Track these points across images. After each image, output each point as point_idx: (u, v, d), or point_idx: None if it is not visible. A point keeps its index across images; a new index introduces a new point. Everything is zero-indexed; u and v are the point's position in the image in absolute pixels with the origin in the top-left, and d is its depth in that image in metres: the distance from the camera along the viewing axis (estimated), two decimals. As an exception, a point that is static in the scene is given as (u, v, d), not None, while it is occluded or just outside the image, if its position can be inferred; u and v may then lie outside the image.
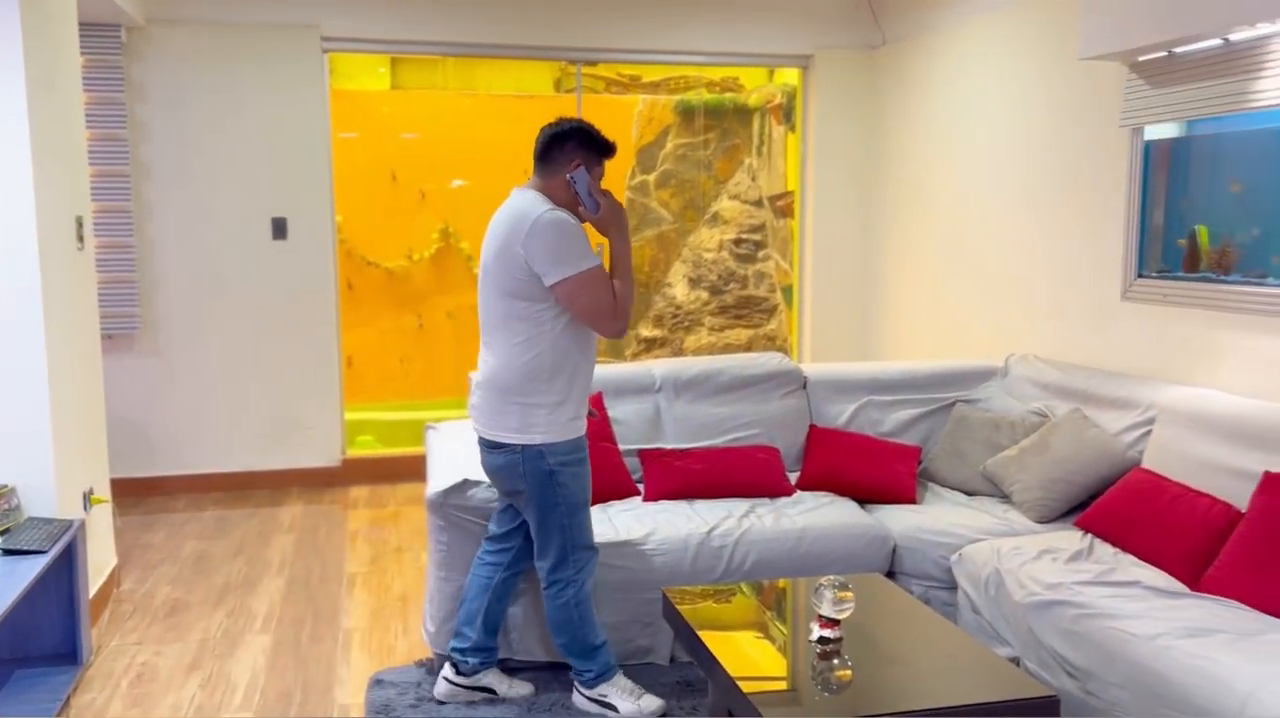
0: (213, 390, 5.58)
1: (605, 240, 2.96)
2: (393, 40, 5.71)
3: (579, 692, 3.08)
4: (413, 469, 5.97)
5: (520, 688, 3.18)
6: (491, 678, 3.16)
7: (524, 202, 2.86)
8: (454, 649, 3.14)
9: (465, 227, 6.88)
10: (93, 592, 3.74)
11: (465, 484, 3.22)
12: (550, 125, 2.94)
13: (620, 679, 3.06)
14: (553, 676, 3.31)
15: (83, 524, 3.42)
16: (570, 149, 2.89)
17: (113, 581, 4.08)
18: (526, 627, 3.30)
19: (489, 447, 2.93)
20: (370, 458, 5.96)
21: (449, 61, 6.67)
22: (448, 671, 3.15)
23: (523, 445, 2.86)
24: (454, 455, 3.52)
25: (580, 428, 2.94)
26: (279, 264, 5.63)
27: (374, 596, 4.11)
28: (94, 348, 3.98)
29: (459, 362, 7.04)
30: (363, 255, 6.79)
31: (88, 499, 3.75)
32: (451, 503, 3.22)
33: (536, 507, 2.92)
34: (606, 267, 2.91)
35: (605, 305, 2.82)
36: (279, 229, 5.60)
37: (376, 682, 3.29)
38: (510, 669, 3.32)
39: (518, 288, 2.82)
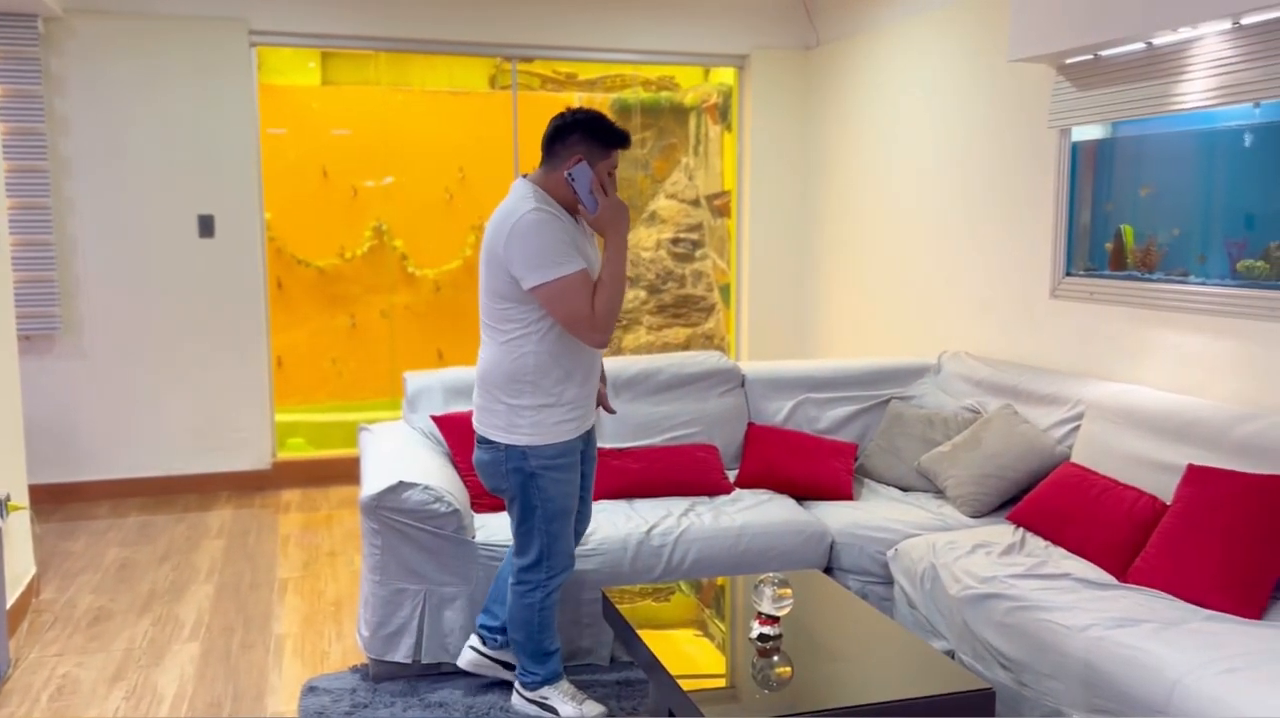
0: (137, 393, 5.43)
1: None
2: (323, 35, 5.60)
3: (519, 693, 3.04)
4: (346, 472, 5.86)
5: None
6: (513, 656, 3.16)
7: (514, 198, 2.75)
8: (481, 625, 3.15)
9: (398, 224, 6.79)
10: (10, 602, 3.60)
11: (400, 487, 3.17)
12: (558, 115, 2.78)
13: (564, 684, 3.03)
14: (491, 678, 3.26)
15: (-1, 532, 3.29)
16: (573, 142, 2.74)
17: (31, 590, 3.94)
18: (463, 631, 3.26)
19: (478, 441, 2.92)
20: (302, 460, 5.84)
21: (381, 57, 6.57)
22: (474, 641, 3.16)
23: (506, 445, 2.82)
24: (388, 457, 3.46)
25: (568, 432, 2.84)
26: (206, 262, 5.48)
27: (306, 601, 4.03)
28: (9, 349, 3.83)
29: (393, 362, 6.94)
30: (293, 253, 6.65)
31: (4, 506, 3.61)
32: (386, 506, 3.16)
33: (517, 507, 2.89)
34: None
35: (581, 314, 2.67)
36: (206, 227, 5.46)
37: (310, 689, 3.22)
38: (456, 672, 3.28)
39: (503, 289, 2.74)
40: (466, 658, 3.16)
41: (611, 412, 3.17)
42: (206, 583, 4.20)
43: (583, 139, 2.74)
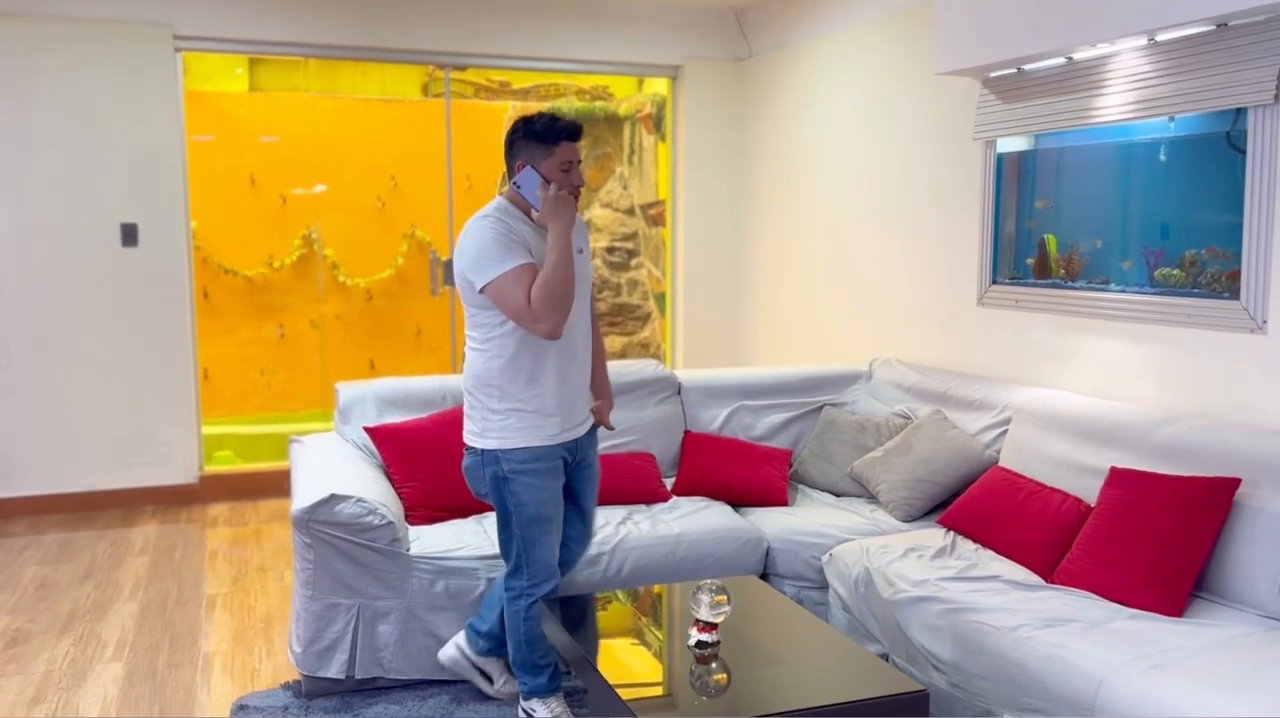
0: (56, 405, 5.26)
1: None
2: (251, 40, 5.50)
3: (520, 700, 3.03)
4: (275, 485, 5.75)
5: (509, 688, 3.14)
6: (493, 666, 3.14)
7: (478, 213, 2.85)
8: (469, 625, 3.13)
9: (329, 233, 6.70)
10: (-79, 625, 3.46)
11: (332, 499, 3.12)
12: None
13: (553, 702, 2.95)
14: (427, 692, 3.22)
15: (-91, 552, 3.17)
16: (518, 150, 2.80)
17: (-56, 612, 3.79)
18: (398, 645, 3.22)
19: (465, 447, 2.94)
20: (230, 474, 5.71)
21: (311, 63, 6.48)
22: (460, 638, 3.13)
23: (481, 449, 2.84)
24: (320, 470, 3.40)
25: (539, 438, 2.81)
26: (129, 272, 5.34)
27: (236, 617, 3.94)
28: (-79, 362, 3.69)
29: (324, 373, 6.84)
30: (220, 263, 6.52)
31: (-86, 525, 3.47)
32: (318, 519, 3.11)
33: (496, 512, 2.91)
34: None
35: (521, 307, 2.67)
36: (129, 235, 5.32)
37: (240, 707, 3.15)
38: (391, 687, 3.23)
39: (467, 295, 2.81)
40: (447, 654, 3.16)
41: (610, 428, 3.13)
42: (130, 601, 4.09)
43: (524, 144, 2.80)
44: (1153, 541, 2.83)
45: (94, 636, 3.74)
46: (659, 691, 2.31)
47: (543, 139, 2.77)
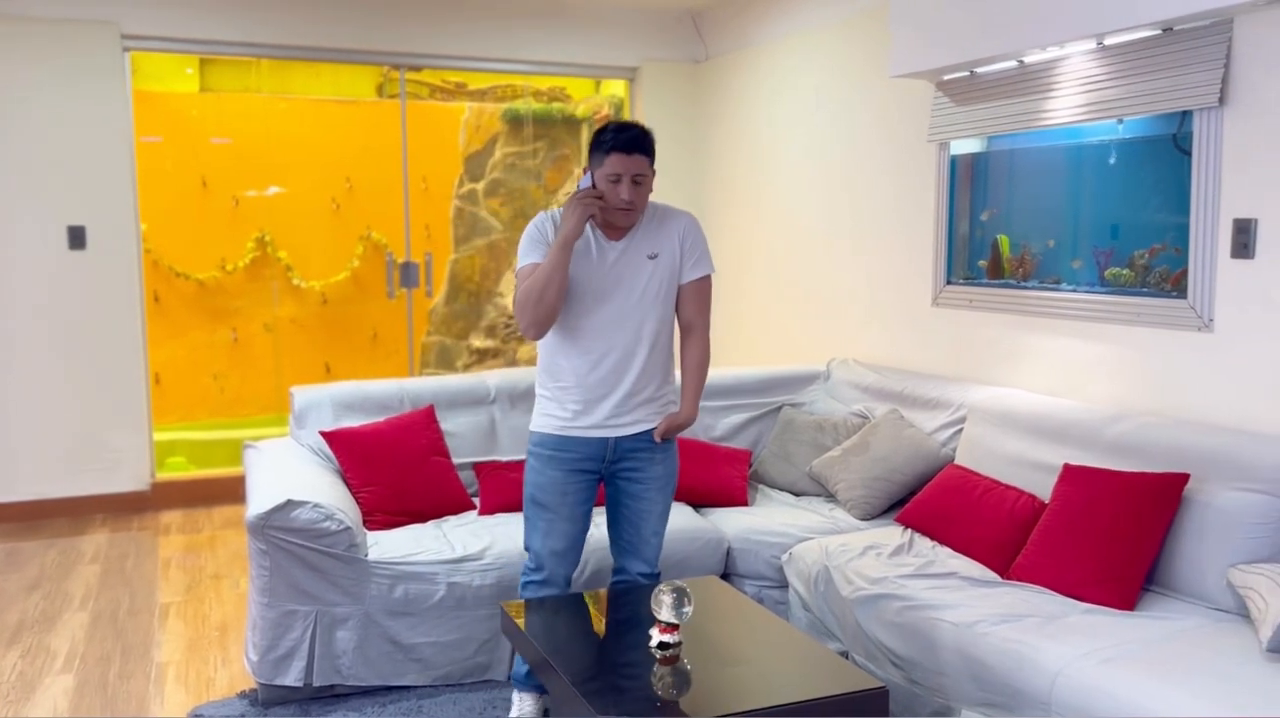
0: (3, 413, 5.14)
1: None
2: (201, 40, 5.41)
3: None
4: (229, 491, 5.66)
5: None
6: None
7: None
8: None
9: (283, 235, 6.62)
10: None
11: (289, 505, 3.07)
12: None
13: (527, 698, 3.02)
14: (386, 699, 3.19)
15: None
16: (591, 155, 2.86)
17: (-115, 626, 3.69)
18: (357, 652, 3.18)
19: None
20: (183, 480, 5.62)
21: (263, 64, 6.40)
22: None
23: None
24: (276, 475, 3.36)
25: (549, 425, 2.92)
26: (77, 275, 5.23)
27: (190, 626, 3.88)
28: None
29: (278, 377, 6.75)
30: (170, 266, 6.42)
31: None
32: (274, 525, 3.07)
33: None
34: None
35: (516, 306, 2.86)
36: (76, 238, 5.21)
37: (195, 717, 3.10)
38: (350, 694, 3.20)
39: None
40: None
41: (656, 437, 2.94)
42: (81, 611, 4.00)
43: (592, 150, 2.85)
44: (1105, 536, 2.88)
45: (43, 647, 3.66)
46: (623, 692, 2.31)
47: (597, 148, 2.82)
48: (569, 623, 2.69)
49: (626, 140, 2.77)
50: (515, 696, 3.04)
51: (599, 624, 2.70)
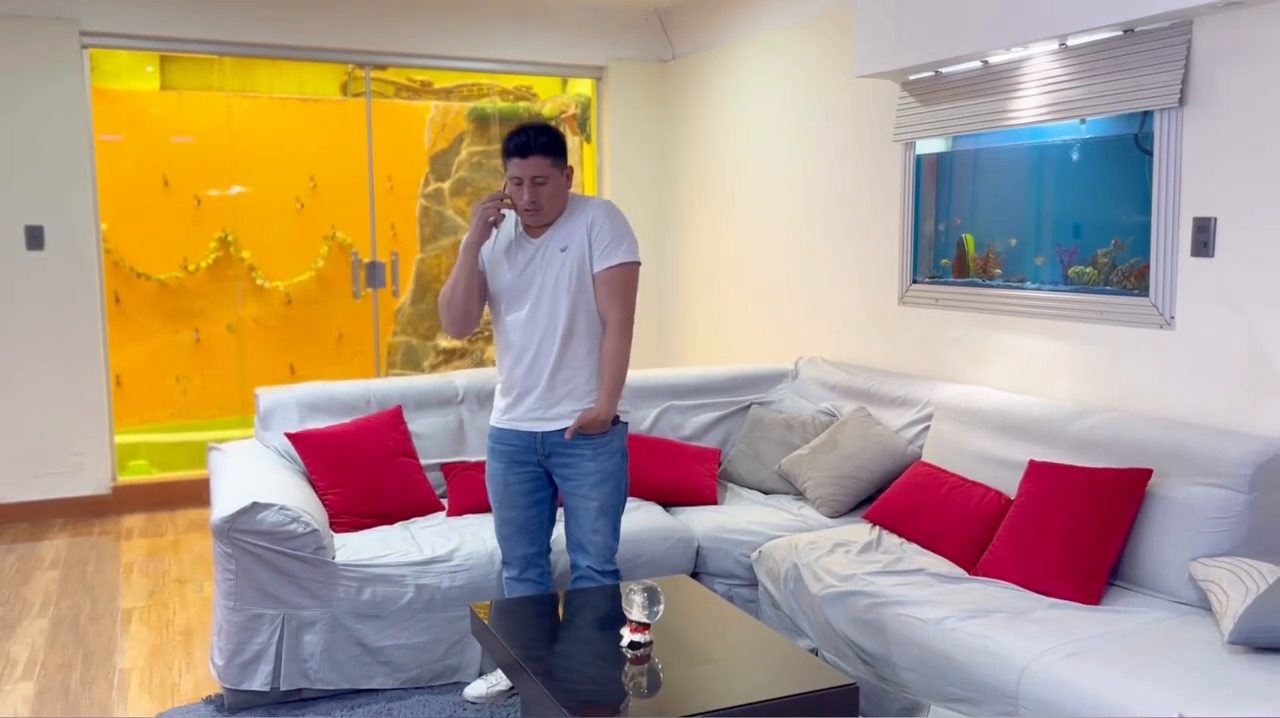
0: (-42, 416, 5.04)
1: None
2: (162, 37, 5.34)
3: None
4: (193, 494, 5.58)
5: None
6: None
7: None
8: None
9: (246, 235, 6.54)
10: None
11: (254, 508, 3.04)
12: None
13: (494, 677, 3.21)
14: (355, 702, 3.17)
15: None
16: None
17: None
18: (324, 655, 3.15)
19: None
20: (145, 483, 5.54)
21: (225, 61, 6.32)
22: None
23: None
24: (241, 478, 3.32)
25: (493, 418, 3.09)
26: (35, 276, 5.14)
27: (154, 631, 3.82)
28: None
29: (242, 378, 6.67)
30: (131, 266, 6.32)
31: None
32: (239, 528, 3.03)
33: None
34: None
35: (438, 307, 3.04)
36: (34, 238, 5.12)
37: (159, 724, 3.06)
38: (318, 698, 3.17)
39: None
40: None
41: (566, 438, 2.95)
42: (40, 617, 3.93)
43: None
44: (1070, 531, 2.91)
45: (2, 654, 3.59)
46: (593, 692, 2.30)
47: (502, 153, 2.92)
48: (539, 623, 2.68)
49: (518, 145, 2.86)
50: (481, 680, 3.16)
51: (569, 625, 2.69)
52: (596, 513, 3.00)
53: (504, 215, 2.94)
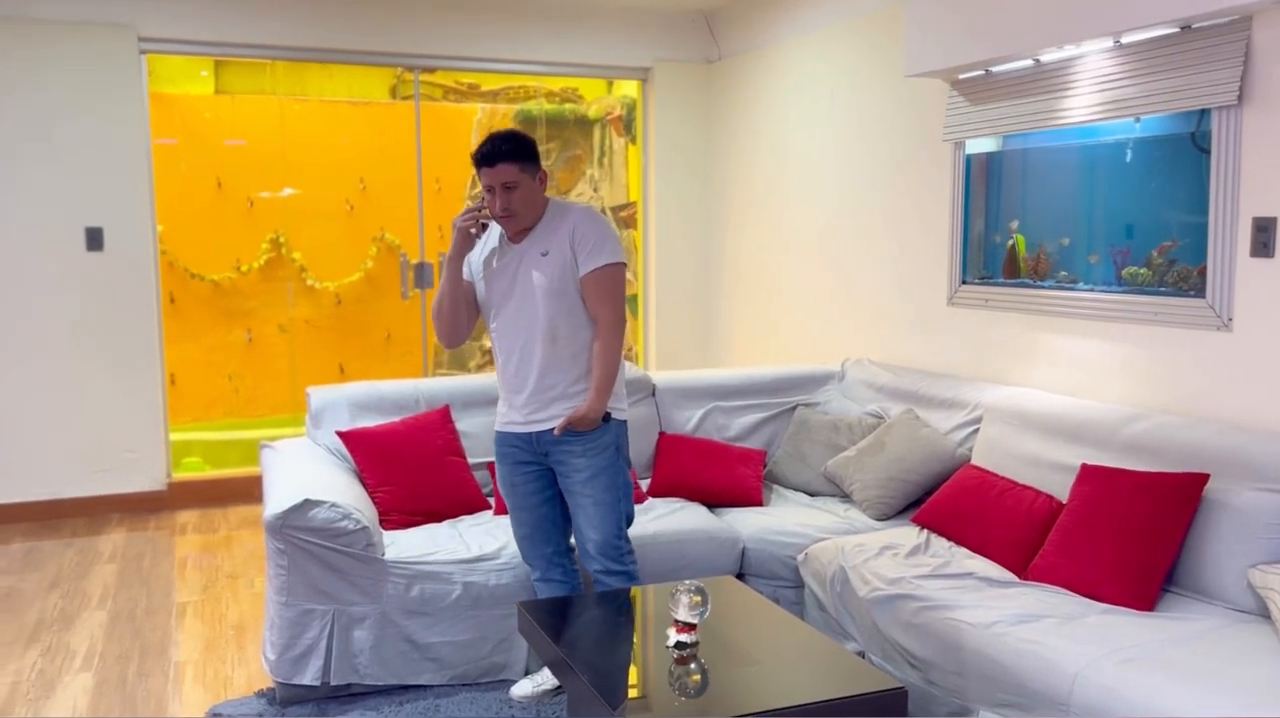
0: (20, 413, 5.17)
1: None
2: (216, 43, 5.44)
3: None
4: (244, 491, 5.68)
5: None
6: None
7: None
8: None
9: (297, 236, 6.64)
10: (-117, 638, 3.39)
11: (306, 505, 3.09)
12: None
13: (540, 675, 3.23)
14: (403, 698, 3.20)
15: None
16: None
17: (-94, 624, 3.72)
18: (373, 651, 3.19)
19: None
20: (198, 480, 5.65)
21: (277, 66, 6.42)
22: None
23: None
24: (293, 475, 3.37)
25: (497, 424, 3.13)
26: (95, 276, 5.26)
27: (207, 625, 3.89)
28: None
29: (292, 377, 6.77)
30: (186, 267, 6.45)
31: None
32: (292, 524, 3.08)
33: None
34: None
35: None
36: (94, 239, 5.24)
37: (214, 716, 3.11)
38: (367, 693, 3.21)
39: None
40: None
41: (555, 434, 2.98)
42: (99, 610, 4.03)
43: None
44: (1124, 536, 2.87)
45: (62, 646, 3.68)
46: (639, 691, 2.31)
47: (474, 165, 2.97)
48: (585, 622, 2.69)
49: (484, 154, 2.91)
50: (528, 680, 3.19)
51: (615, 623, 2.70)
52: (594, 509, 3.01)
53: (484, 226, 3.02)
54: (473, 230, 2.99)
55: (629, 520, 3.13)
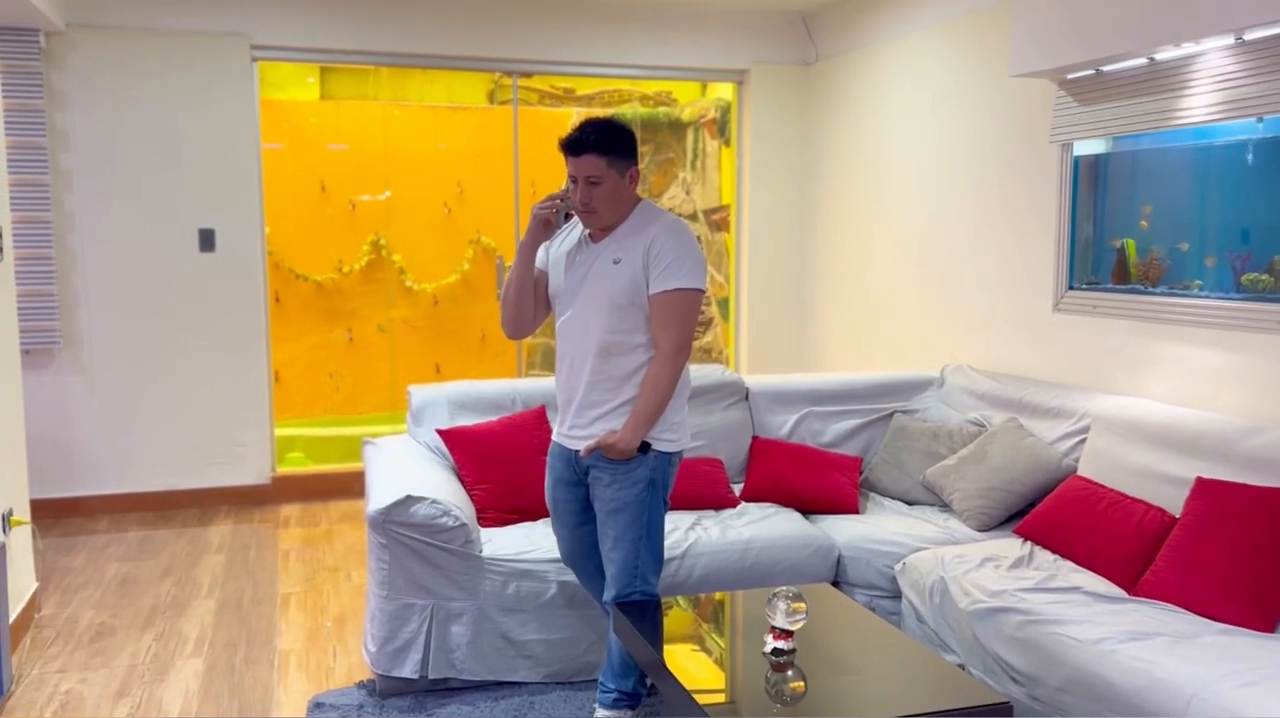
0: (136, 407, 5.40)
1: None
2: (323, 49, 5.60)
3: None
4: (345, 487, 5.83)
5: None
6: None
7: None
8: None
9: (397, 238, 6.79)
10: (12, 618, 3.57)
11: (408, 501, 3.15)
12: None
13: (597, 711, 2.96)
14: (499, 694, 3.25)
15: (2, 548, 3.27)
16: None
17: (32, 605, 3.91)
18: (470, 646, 3.25)
19: None
20: (301, 475, 5.82)
21: (380, 72, 6.58)
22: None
23: None
24: (394, 471, 3.45)
25: (554, 433, 2.95)
26: (206, 276, 5.47)
27: (309, 616, 4.00)
28: (13, 363, 3.81)
29: (392, 376, 6.92)
30: (290, 268, 6.64)
31: (7, 521, 3.58)
32: (394, 520, 3.15)
33: None
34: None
35: None
36: (206, 241, 5.45)
37: (316, 705, 3.20)
38: (463, 688, 3.27)
39: None
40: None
41: (582, 454, 2.81)
42: (208, 598, 4.18)
43: None
44: (1242, 553, 2.75)
45: (174, 631, 3.83)
46: (738, 698, 2.30)
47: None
48: (679, 625, 2.69)
49: (571, 141, 2.71)
50: (599, 712, 2.96)
51: (709, 627, 2.70)
52: (612, 544, 2.79)
53: (568, 216, 2.81)
54: (551, 219, 2.78)
55: (658, 561, 2.84)
